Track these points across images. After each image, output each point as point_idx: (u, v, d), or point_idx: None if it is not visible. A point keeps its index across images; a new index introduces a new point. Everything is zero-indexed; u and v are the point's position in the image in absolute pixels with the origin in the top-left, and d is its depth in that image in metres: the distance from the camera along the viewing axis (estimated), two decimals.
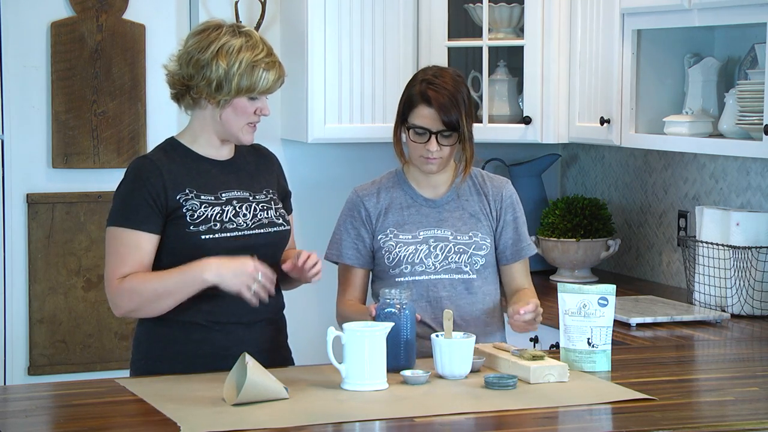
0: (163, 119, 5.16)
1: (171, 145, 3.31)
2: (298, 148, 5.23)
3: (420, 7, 5.06)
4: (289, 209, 3.43)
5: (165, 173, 3.22)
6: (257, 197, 3.30)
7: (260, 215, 3.28)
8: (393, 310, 3.16)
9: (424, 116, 3.42)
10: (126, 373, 3.41)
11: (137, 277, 3.17)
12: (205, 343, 3.22)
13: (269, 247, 3.29)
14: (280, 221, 3.32)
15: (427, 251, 3.47)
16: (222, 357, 3.19)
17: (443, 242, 3.48)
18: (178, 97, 3.30)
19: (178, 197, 3.21)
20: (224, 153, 3.32)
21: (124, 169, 3.30)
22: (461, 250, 3.48)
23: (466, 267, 3.48)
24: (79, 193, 5.08)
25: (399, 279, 3.46)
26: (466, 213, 3.51)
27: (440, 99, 3.40)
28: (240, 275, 3.13)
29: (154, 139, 5.07)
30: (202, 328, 3.22)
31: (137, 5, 5.13)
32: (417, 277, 3.47)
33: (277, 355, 3.23)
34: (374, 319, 3.18)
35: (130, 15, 5.11)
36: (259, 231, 3.26)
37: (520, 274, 3.56)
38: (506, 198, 3.55)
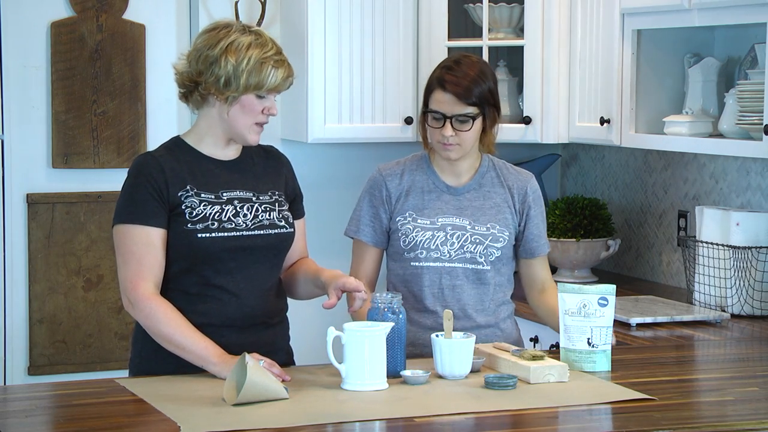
0: (163, 119, 5.16)
1: (175, 143, 3.30)
2: (298, 148, 5.23)
3: (420, 7, 5.06)
4: (299, 212, 3.41)
5: (167, 169, 3.21)
6: (261, 198, 3.29)
7: (261, 216, 3.27)
8: (388, 314, 3.14)
9: (440, 101, 3.45)
10: (126, 373, 3.41)
11: (166, 309, 3.14)
12: None
13: (269, 249, 3.27)
14: (283, 223, 3.30)
15: (444, 238, 3.48)
16: None
17: (460, 231, 3.49)
18: (186, 96, 3.29)
19: (179, 193, 3.20)
20: (230, 153, 3.30)
21: (125, 169, 3.30)
22: (477, 240, 3.48)
23: (481, 258, 3.49)
24: (79, 193, 5.08)
25: (414, 263, 3.49)
26: (487, 203, 3.52)
27: (456, 83, 3.42)
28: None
29: (154, 139, 5.08)
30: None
31: (137, 5, 5.13)
32: (431, 263, 3.48)
33: (275, 358, 3.21)
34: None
35: (130, 15, 5.12)
36: (259, 232, 3.25)
37: (541, 268, 3.59)
38: (530, 193, 3.56)
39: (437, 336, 3.13)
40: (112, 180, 5.06)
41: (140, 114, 5.13)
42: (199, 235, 3.18)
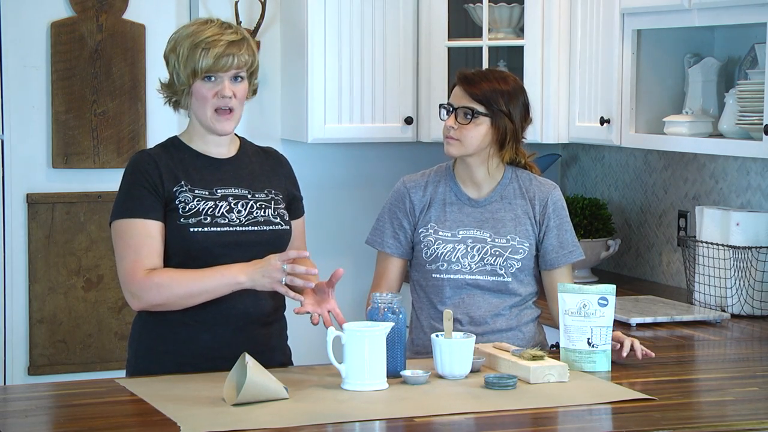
0: (163, 119, 5.16)
1: (171, 142, 3.32)
2: (298, 148, 5.23)
3: (420, 7, 5.06)
4: (298, 212, 3.40)
5: (161, 165, 3.22)
6: (256, 195, 3.28)
7: (256, 213, 3.26)
8: (388, 314, 3.14)
9: (453, 94, 3.52)
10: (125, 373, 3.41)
11: (167, 272, 3.15)
12: (192, 343, 3.20)
13: (262, 245, 3.23)
14: (278, 220, 3.29)
15: (465, 251, 3.49)
16: (210, 358, 3.17)
17: (481, 243, 3.50)
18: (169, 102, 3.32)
19: (174, 189, 3.20)
20: (223, 151, 3.31)
21: (124, 169, 3.30)
22: (497, 252, 3.49)
23: (501, 270, 3.50)
24: (79, 193, 5.08)
25: (435, 275, 3.51)
26: (507, 215, 3.53)
27: (471, 79, 3.49)
28: (268, 273, 3.10)
29: (154, 139, 5.07)
30: (189, 327, 3.19)
31: (137, 5, 5.13)
32: (452, 276, 3.49)
33: (271, 358, 3.20)
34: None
35: (130, 15, 5.12)
36: (253, 228, 3.23)
37: (562, 279, 3.55)
38: (551, 204, 3.56)
39: (437, 336, 3.13)
40: (112, 180, 5.05)
41: (140, 114, 5.13)
42: (192, 230, 3.17)
